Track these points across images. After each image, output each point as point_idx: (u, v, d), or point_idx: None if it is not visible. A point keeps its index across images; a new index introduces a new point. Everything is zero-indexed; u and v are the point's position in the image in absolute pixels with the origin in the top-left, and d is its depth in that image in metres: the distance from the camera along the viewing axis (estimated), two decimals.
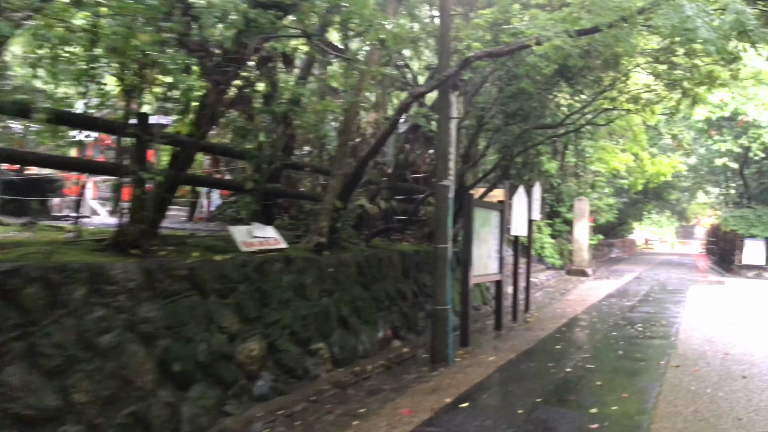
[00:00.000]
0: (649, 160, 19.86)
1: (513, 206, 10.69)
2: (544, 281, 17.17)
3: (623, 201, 29.46)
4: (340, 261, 7.47)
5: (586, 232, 20.47)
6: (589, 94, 10.77)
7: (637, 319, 11.11)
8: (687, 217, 57.14)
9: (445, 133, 7.61)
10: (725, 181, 28.46)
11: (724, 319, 11.31)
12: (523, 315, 11.52)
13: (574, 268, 20.51)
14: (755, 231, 21.56)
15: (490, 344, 8.78)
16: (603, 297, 14.59)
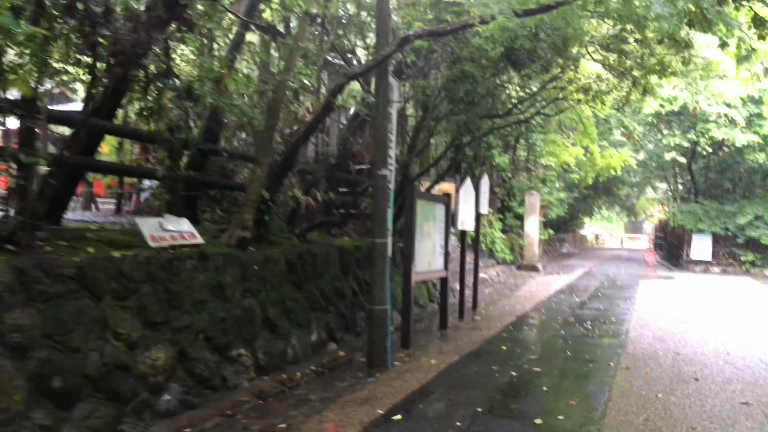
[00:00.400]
0: (599, 153, 19.70)
1: (459, 199, 10.17)
2: (495, 277, 16.79)
3: (574, 196, 29.48)
4: (268, 257, 6.80)
5: (536, 227, 20.22)
6: (538, 81, 10.34)
7: (587, 316, 10.76)
8: (636, 212, 58.14)
9: (384, 118, 7.01)
10: (674, 176, 28.77)
11: (675, 316, 11.06)
12: (471, 313, 11.05)
13: (525, 263, 20.25)
14: (703, 226, 21.69)
15: (433, 345, 8.24)
16: (553, 293, 14.26)
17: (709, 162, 23.85)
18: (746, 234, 20.92)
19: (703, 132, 19.59)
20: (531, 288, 15.31)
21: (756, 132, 19.09)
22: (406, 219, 8.00)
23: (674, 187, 29.80)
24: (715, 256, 22.08)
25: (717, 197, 23.60)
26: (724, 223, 21.46)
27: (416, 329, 9.29)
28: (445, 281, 9.46)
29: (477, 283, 11.76)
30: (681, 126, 20.90)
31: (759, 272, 21.22)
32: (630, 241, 67.42)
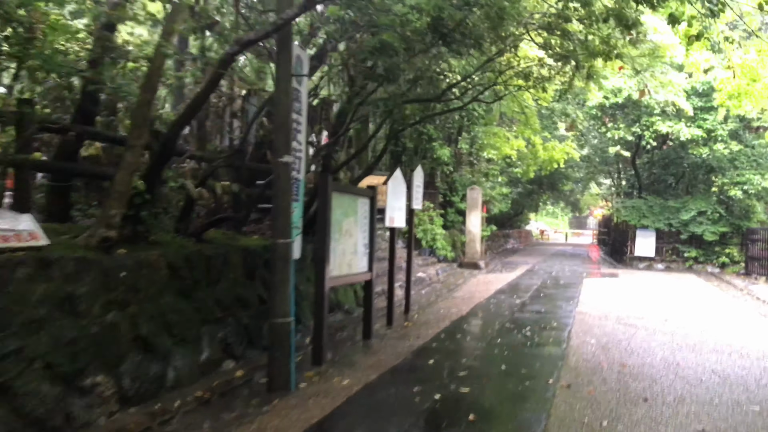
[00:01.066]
0: (541, 145, 18.98)
1: (388, 193, 9.13)
2: (434, 276, 15.87)
3: (518, 191, 28.93)
4: (142, 261, 5.60)
5: (478, 222, 19.42)
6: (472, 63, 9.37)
7: (527, 320, 9.89)
8: (580, 208, 58.55)
9: (286, 94, 5.89)
10: (617, 171, 28.53)
11: (619, 318, 10.32)
12: (402, 318, 10.06)
13: (467, 260, 19.43)
14: (646, 222, 21.32)
15: (351, 360, 7.17)
16: (493, 293, 13.42)
17: (653, 157, 23.55)
18: (689, 230, 20.63)
19: (648, 125, 19.14)
20: (471, 288, 14.43)
21: (700, 126, 18.74)
22: (319, 215, 6.90)
23: (618, 183, 29.58)
24: (659, 252, 21.77)
25: (660, 193, 23.33)
26: (667, 219, 21.14)
27: (337, 339, 8.25)
28: (369, 285, 8.40)
29: (409, 285, 10.76)
30: (625, 119, 20.43)
31: (701, 268, 20.98)
32: (574, 237, 68.03)
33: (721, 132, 18.67)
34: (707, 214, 20.28)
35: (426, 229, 19.09)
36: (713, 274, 20.14)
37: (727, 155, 19.23)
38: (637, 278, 17.83)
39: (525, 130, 16.87)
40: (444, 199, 21.45)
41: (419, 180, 10.74)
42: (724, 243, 20.62)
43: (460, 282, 15.62)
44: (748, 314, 11.46)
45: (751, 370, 6.98)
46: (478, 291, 13.75)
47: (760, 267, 18.28)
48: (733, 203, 20.26)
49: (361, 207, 8.04)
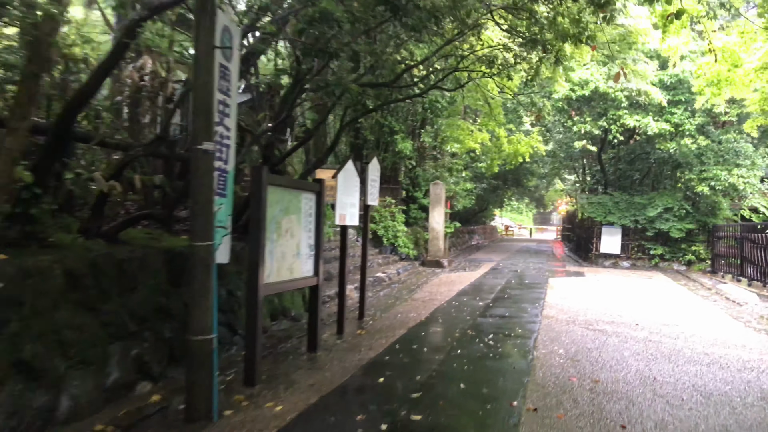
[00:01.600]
0: (506, 138, 18.28)
1: (339, 188, 8.26)
2: (394, 276, 15.06)
3: (483, 187, 28.32)
4: (27, 269, 4.63)
5: (442, 219, 18.68)
6: (433, 43, 8.56)
7: (490, 327, 9.13)
8: (545, 204, 58.50)
9: (207, 70, 4.98)
10: (582, 167, 28.12)
11: (588, 323, 9.65)
12: (355, 324, 9.22)
13: (430, 258, 18.69)
14: (612, 218, 20.87)
15: (291, 378, 6.29)
16: (455, 294, 12.66)
17: (619, 152, 23.12)
18: (656, 227, 20.23)
19: (615, 119, 18.62)
20: (432, 288, 13.66)
21: (668, 120, 18.30)
22: (252, 213, 6.00)
23: (582, 178, 29.19)
24: (625, 249, 21.36)
25: (626, 189, 22.92)
26: (633, 216, 20.71)
27: (278, 352, 7.36)
28: (316, 290, 7.50)
29: (364, 288, 9.91)
30: (592, 113, 19.90)
31: (668, 266, 20.62)
32: (539, 233, 68.19)
33: (688, 126, 18.25)
34: (674, 211, 19.90)
35: (387, 225, 18.30)
36: (679, 272, 19.78)
37: (694, 150, 18.84)
38: (604, 277, 17.32)
39: (489, 123, 16.14)
40: (407, 195, 20.70)
41: (375, 173, 9.89)
42: (691, 240, 20.28)
43: (422, 282, 14.84)
44: (721, 317, 10.92)
45: (735, 385, 6.32)
46: (440, 292, 12.98)
47: (726, 265, 17.94)
48: (699, 199, 19.92)
49: (305, 203, 7.15)
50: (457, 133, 16.87)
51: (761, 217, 19.20)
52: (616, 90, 17.77)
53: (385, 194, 19.58)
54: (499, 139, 17.88)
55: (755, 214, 19.26)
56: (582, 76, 17.85)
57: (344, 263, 8.71)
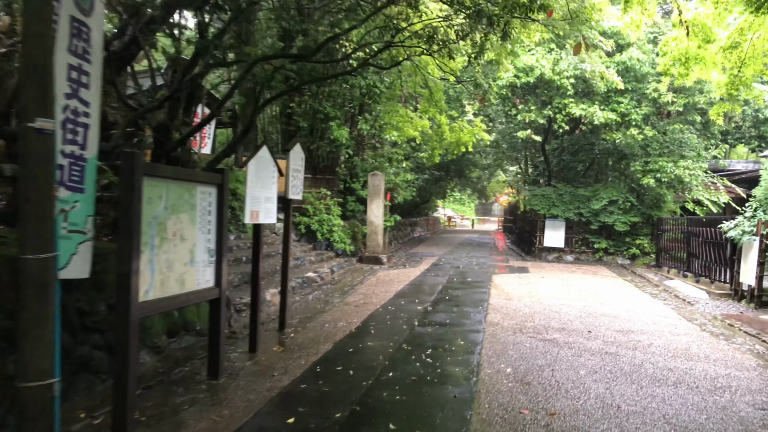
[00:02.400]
0: (447, 126, 17.17)
1: (249, 179, 6.95)
2: (327, 275, 13.83)
3: (425, 178, 27.34)
4: None
5: (381, 212, 17.54)
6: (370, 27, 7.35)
7: (428, 338, 8.03)
8: (487, 195, 58.28)
9: (41, 18, 3.62)
10: (525, 158, 27.46)
11: (536, 331, 8.68)
12: (275, 338, 7.98)
13: (368, 254, 17.54)
14: (556, 211, 20.19)
15: (179, 419, 5.01)
16: (393, 296, 11.55)
17: (563, 142, 22.47)
18: (600, 220, 19.65)
19: (560, 108, 17.84)
20: (368, 289, 12.50)
21: (614, 110, 17.63)
22: (121, 212, 4.65)
23: (525, 170, 28.59)
24: (568, 243, 20.73)
25: (570, 180, 22.30)
26: (577, 209, 20.08)
27: (172, 379, 6.05)
28: (217, 306, 6.19)
29: (285, 294, 8.64)
30: (537, 101, 19.08)
31: (612, 260, 20.10)
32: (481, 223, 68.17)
33: (635, 116, 17.63)
34: (618, 203, 19.35)
35: (322, 219, 17.05)
36: (624, 266, 19.27)
37: (640, 141, 18.27)
38: (548, 273, 16.55)
39: (430, 109, 15.01)
40: (345, 187, 19.48)
41: (298, 162, 8.61)
42: (635, 234, 19.80)
43: (357, 282, 13.66)
44: (675, 320, 10.16)
45: (710, 413, 5.39)
46: (376, 294, 11.83)
47: (671, 259, 17.47)
48: (644, 192, 19.42)
49: (202, 199, 5.82)
50: (396, 120, 15.67)
51: (705, 210, 18.86)
52: (562, 77, 16.97)
53: (320, 186, 18.31)
54: (441, 126, 16.72)
55: (699, 207, 18.90)
56: (527, 62, 16.96)
57: (257, 268, 7.40)
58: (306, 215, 17.24)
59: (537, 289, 13.03)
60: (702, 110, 19.29)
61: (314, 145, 18.12)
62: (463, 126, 17.06)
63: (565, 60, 16.66)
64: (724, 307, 11.70)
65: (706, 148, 19.48)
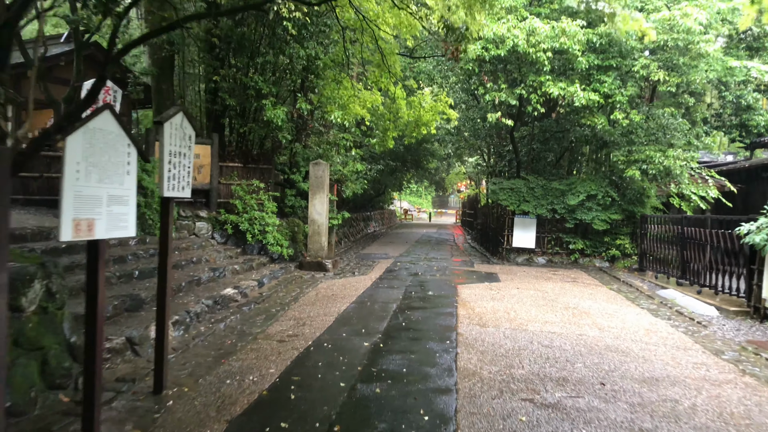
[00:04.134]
0: (404, 101, 14.23)
1: (67, 165, 4.08)
2: (253, 290, 11.02)
3: (379, 168, 24.60)
4: None
5: (325, 208, 14.76)
6: None
7: (374, 409, 5.33)
8: (445, 187, 56.02)
9: None
10: (489, 147, 24.91)
11: (530, 384, 6.09)
12: (140, 412, 5.16)
13: (309, 259, 14.75)
14: (527, 207, 17.72)
15: None
16: (333, 322, 8.84)
17: (533, 129, 19.97)
18: (577, 217, 17.28)
19: (535, 87, 15.33)
20: (302, 311, 9.74)
21: (596, 90, 15.21)
22: None
23: (488, 160, 26.12)
24: (540, 243, 18.32)
25: (539, 172, 19.88)
26: (551, 204, 17.67)
27: None
28: None
29: (164, 340, 5.80)
30: (508, 78, 16.50)
31: (588, 262, 17.78)
32: (438, 216, 66.00)
33: (620, 98, 15.22)
34: (597, 199, 16.99)
35: (253, 217, 14.20)
36: (603, 269, 16.98)
37: (625, 127, 15.90)
38: (522, 281, 14.06)
39: (381, 78, 12.16)
40: (284, 178, 16.63)
41: (180, 141, 5.74)
42: (615, 233, 17.50)
43: (291, 298, 10.88)
44: (699, 354, 7.75)
45: None
46: (312, 319, 9.10)
47: (656, 262, 15.24)
48: (626, 186, 17.11)
49: None
50: (341, 95, 12.76)
51: (691, 206, 16.67)
52: (538, 50, 14.41)
53: (253, 177, 15.43)
54: (396, 101, 13.82)
55: (685, 203, 16.69)
56: (498, 32, 14.36)
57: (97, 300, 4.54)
58: (234, 212, 14.37)
59: (514, 307, 10.47)
60: (694, 92, 17.06)
61: (244, 128, 15.20)
62: (424, 101, 14.10)
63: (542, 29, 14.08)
64: (744, 329, 9.41)
65: (698, 135, 17.30)
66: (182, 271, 10.64)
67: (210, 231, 14.19)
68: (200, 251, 12.49)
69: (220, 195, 15.20)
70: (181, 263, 10.86)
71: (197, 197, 14.82)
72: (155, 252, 11.23)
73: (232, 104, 14.64)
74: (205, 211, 14.40)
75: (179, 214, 13.78)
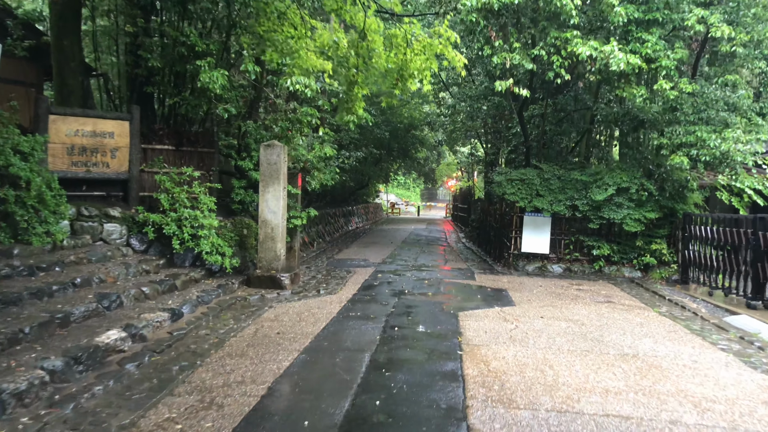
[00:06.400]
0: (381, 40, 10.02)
1: None
2: (161, 326, 7.45)
3: (359, 156, 20.95)
4: None
5: (281, 204, 11.19)
6: None
7: None
8: (435, 179, 52.52)
9: None
10: (489, 130, 21.24)
11: None
12: None
13: (260, 272, 11.15)
14: (541, 203, 14.19)
15: None
16: (264, 395, 5.32)
17: (545, 106, 16.35)
18: (603, 215, 13.79)
19: (558, 45, 11.81)
20: (218, 372, 6.17)
21: (635, 51, 11.70)
22: None
23: (486, 146, 22.55)
24: (555, 247, 14.83)
25: (551, 160, 16.37)
26: (570, 200, 14.18)
27: None
28: None
29: None
30: (521, 35, 12.87)
31: (616, 271, 14.31)
32: (427, 210, 62.55)
33: (666, 62, 11.73)
34: (630, 193, 13.50)
35: (183, 217, 10.61)
36: (635, 281, 13.54)
37: (671, 101, 12.38)
38: (541, 300, 10.57)
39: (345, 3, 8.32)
40: (236, 167, 13.02)
41: None
42: (648, 235, 14.03)
43: (214, 341, 7.30)
44: None
45: None
46: (231, 388, 5.54)
47: (706, 273, 11.88)
48: (665, 177, 13.62)
49: None
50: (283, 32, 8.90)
51: (744, 202, 13.26)
52: None
53: (188, 162, 11.86)
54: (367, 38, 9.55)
55: (735, 198, 13.27)
56: None
57: None
58: (158, 210, 10.78)
59: (548, 358, 6.95)
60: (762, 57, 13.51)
61: (175, 99, 11.57)
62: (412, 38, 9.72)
63: None
64: None
65: (761, 112, 13.82)
66: (48, 301, 7.04)
67: (124, 236, 10.57)
68: (96, 266, 8.89)
69: (143, 187, 11.58)
70: (49, 288, 7.26)
71: (111, 190, 11.20)
72: (25, 268, 7.68)
73: (157, 66, 10.99)
74: (120, 208, 10.78)
75: (79, 213, 10.16)
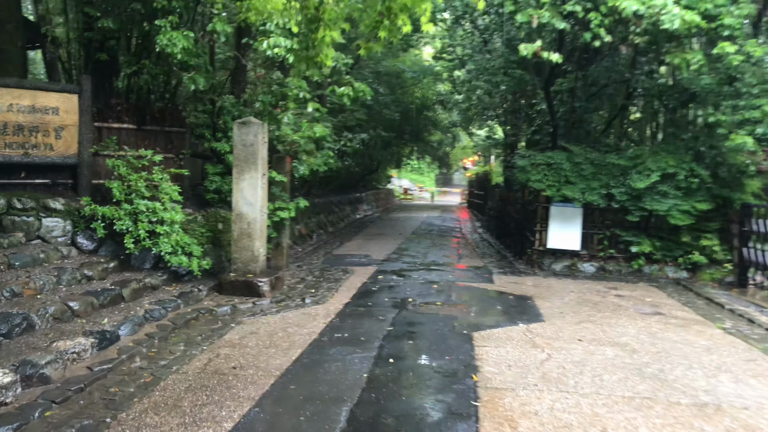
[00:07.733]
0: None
1: None
2: (79, 358, 5.60)
3: (363, 138, 18.95)
4: None
5: (260, 195, 9.30)
6: None
7: None
8: (449, 163, 50.36)
9: None
10: (510, 109, 19.09)
11: None
12: None
13: (234, 276, 9.27)
14: (570, 191, 12.12)
15: None
16: None
17: (574, 80, 14.15)
18: (645, 206, 11.70)
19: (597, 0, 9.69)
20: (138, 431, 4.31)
21: (691, 7, 9.57)
22: None
23: (506, 127, 20.45)
24: (586, 242, 12.77)
25: (581, 141, 14.29)
26: (606, 188, 12.10)
27: None
28: None
29: None
30: None
31: (657, 271, 12.27)
32: (442, 196, 60.47)
33: (729, 20, 9.62)
34: (677, 179, 11.42)
35: (139, 209, 8.74)
36: (681, 282, 11.50)
37: (731, 71, 10.26)
38: (575, 312, 8.60)
39: None
40: (211, 149, 11.13)
41: None
42: (697, 229, 11.94)
43: (146, 381, 5.44)
44: None
45: None
46: None
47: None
48: (720, 161, 11.53)
49: None
50: None
51: None
52: None
53: (153, 144, 10.04)
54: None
55: None
56: None
57: None
58: (112, 202, 8.94)
59: (598, 413, 5.00)
60: None
61: (134, 67, 9.68)
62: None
63: None
64: None
65: None
66: None
67: (69, 233, 8.75)
68: (17, 273, 7.06)
69: (98, 174, 9.75)
70: None
71: (57, 177, 9.38)
72: None
73: (110, 28, 9.09)
74: (65, 199, 8.96)
75: (10, 205, 8.34)
